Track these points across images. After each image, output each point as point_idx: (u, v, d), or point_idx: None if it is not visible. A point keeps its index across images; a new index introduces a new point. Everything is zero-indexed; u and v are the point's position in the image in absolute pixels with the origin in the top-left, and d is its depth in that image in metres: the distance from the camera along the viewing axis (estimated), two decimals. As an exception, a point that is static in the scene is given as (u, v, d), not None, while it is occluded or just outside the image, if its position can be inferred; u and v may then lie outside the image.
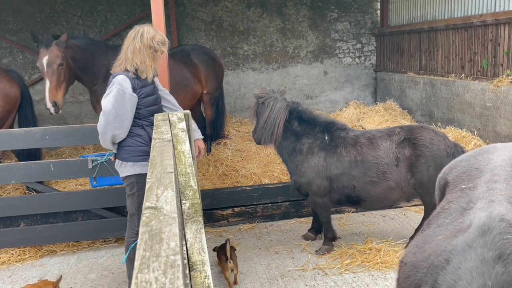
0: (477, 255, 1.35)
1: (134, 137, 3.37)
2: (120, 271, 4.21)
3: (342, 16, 9.73)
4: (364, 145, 4.10)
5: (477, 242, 1.41)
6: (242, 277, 3.99)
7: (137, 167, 3.37)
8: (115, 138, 3.32)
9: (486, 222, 1.47)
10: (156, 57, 3.38)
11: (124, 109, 3.22)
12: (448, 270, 1.40)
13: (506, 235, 1.38)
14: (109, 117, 3.21)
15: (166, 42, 3.40)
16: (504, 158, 2.05)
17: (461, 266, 1.37)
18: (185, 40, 9.24)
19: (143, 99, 3.35)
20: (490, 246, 1.36)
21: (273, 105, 4.17)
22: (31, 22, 8.67)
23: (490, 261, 1.31)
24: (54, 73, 4.90)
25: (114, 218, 4.62)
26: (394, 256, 4.12)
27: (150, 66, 3.33)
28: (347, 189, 4.11)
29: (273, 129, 4.15)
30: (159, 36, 3.34)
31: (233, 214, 5.11)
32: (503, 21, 5.90)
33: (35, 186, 4.63)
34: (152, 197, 1.40)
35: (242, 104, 9.70)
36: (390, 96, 9.13)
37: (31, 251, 4.61)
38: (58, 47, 4.91)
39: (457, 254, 1.43)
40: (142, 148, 3.36)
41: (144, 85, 3.36)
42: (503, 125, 5.88)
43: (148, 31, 3.32)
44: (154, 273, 0.92)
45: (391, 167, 4.01)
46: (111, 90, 3.23)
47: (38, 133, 4.26)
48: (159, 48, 3.33)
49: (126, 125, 3.28)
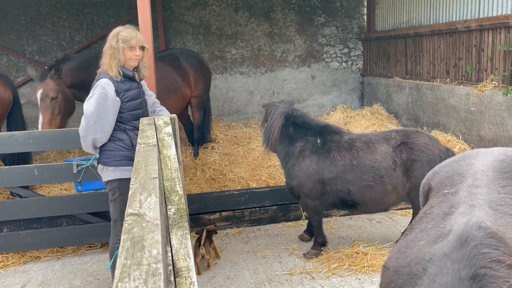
0: (454, 271, 1.36)
1: (115, 142, 3.35)
2: (105, 277, 4.16)
3: (329, 21, 9.80)
4: (361, 149, 4.12)
5: (454, 255, 1.41)
6: (229, 282, 3.97)
7: (118, 172, 3.34)
8: (96, 142, 3.29)
9: (464, 231, 1.47)
10: (115, 55, 3.25)
11: (106, 112, 3.19)
12: (424, 281, 1.40)
13: (482, 249, 1.39)
14: (91, 120, 3.18)
15: (134, 37, 3.29)
16: (485, 163, 2.08)
17: (436, 279, 1.37)
18: (173, 43, 9.21)
19: (126, 103, 3.33)
20: (466, 263, 1.36)
21: (272, 112, 4.33)
22: (15, 24, 8.55)
23: (465, 281, 1.32)
24: (47, 107, 4.84)
25: (100, 223, 4.57)
26: (381, 260, 4.15)
27: (110, 65, 3.26)
28: (342, 193, 4.13)
29: (269, 135, 4.29)
30: (124, 33, 3.26)
31: (220, 219, 5.09)
32: (487, 27, 6.00)
33: (18, 191, 4.55)
34: (135, 203, 1.39)
35: (230, 108, 9.70)
36: (377, 100, 9.21)
37: (14, 257, 4.53)
38: (52, 80, 4.86)
39: (434, 264, 1.43)
40: (124, 152, 3.34)
41: (128, 89, 3.34)
42: (487, 129, 5.97)
43: (114, 32, 3.29)
44: (135, 282, 0.91)
45: (389, 171, 4.04)
46: (93, 93, 3.20)
47: (21, 137, 4.20)
48: (118, 45, 3.24)
49: (107, 129, 3.25)
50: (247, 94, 9.76)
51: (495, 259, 1.36)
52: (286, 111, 4.33)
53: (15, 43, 8.55)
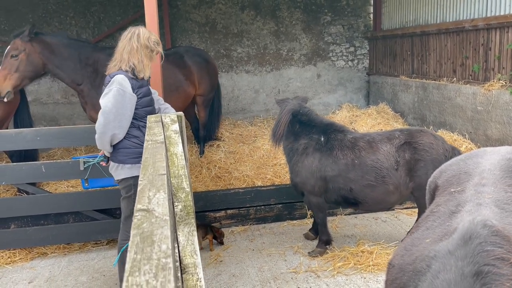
0: (457, 268, 1.36)
1: (131, 139, 3.35)
2: (111, 274, 4.19)
3: (335, 20, 9.78)
4: (363, 149, 4.12)
5: (458, 252, 1.41)
6: (235, 280, 3.98)
7: (135, 169, 3.33)
8: (114, 139, 3.28)
9: (468, 229, 1.47)
10: (152, 57, 3.43)
11: (124, 108, 3.21)
12: (427, 277, 1.41)
13: (486, 246, 1.39)
14: (109, 117, 3.18)
15: (160, 43, 3.48)
16: (492, 162, 2.07)
17: (439, 275, 1.37)
18: (179, 42, 9.23)
19: (140, 99, 3.35)
20: (470, 260, 1.36)
21: (282, 108, 4.41)
22: (23, 22, 8.60)
23: (469, 278, 1.31)
24: (6, 63, 4.93)
25: (106, 220, 4.60)
26: (386, 259, 4.14)
27: (148, 65, 3.38)
28: (344, 191, 4.15)
29: (276, 131, 4.35)
30: (154, 37, 3.42)
31: (225, 217, 5.11)
32: (494, 25, 5.97)
33: (26, 188, 4.59)
34: (144, 199, 1.40)
35: (235, 106, 9.71)
36: (383, 99, 9.19)
37: (21, 253, 4.57)
38: (21, 40, 4.94)
39: (437, 261, 1.43)
40: (139, 150, 3.34)
41: (141, 86, 3.37)
42: (494, 129, 5.94)
43: (143, 32, 3.38)
44: (145, 276, 0.92)
45: (391, 171, 4.03)
46: (110, 90, 3.19)
47: (29, 134, 4.23)
48: (155, 48, 3.40)
49: (125, 125, 3.26)
50: (253, 93, 9.76)
51: (499, 257, 1.36)
52: (294, 108, 4.36)
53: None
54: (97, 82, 5.35)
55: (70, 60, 5.26)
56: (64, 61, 5.24)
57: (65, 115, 9.03)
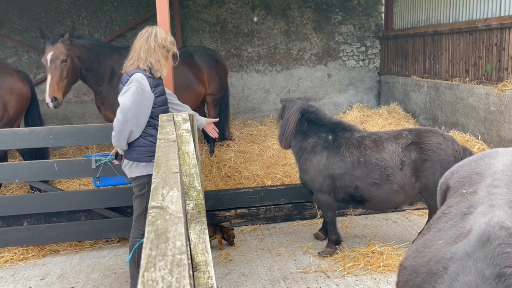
0: (477, 270, 1.34)
1: (147, 137, 3.38)
2: (122, 271, 4.22)
3: (346, 19, 9.74)
4: (369, 147, 4.13)
5: (477, 254, 1.39)
6: (244, 279, 4.00)
7: (150, 167, 3.35)
8: (130, 136, 3.31)
9: (486, 231, 1.46)
10: (168, 57, 3.47)
11: (142, 106, 3.24)
12: (445, 279, 1.39)
13: (506, 248, 1.37)
14: (128, 114, 3.21)
15: (175, 43, 3.52)
16: (505, 163, 2.05)
17: (458, 278, 1.36)
18: (190, 41, 9.27)
19: (157, 98, 3.38)
20: (490, 261, 1.34)
21: (290, 107, 4.40)
22: (36, 22, 8.72)
23: (490, 280, 1.30)
24: (57, 68, 4.96)
25: (117, 218, 4.64)
26: (397, 260, 4.12)
27: (164, 65, 3.42)
28: (350, 188, 4.17)
29: (285, 130, 4.36)
30: (170, 38, 3.46)
31: (235, 216, 5.13)
32: (508, 25, 5.90)
33: (38, 185, 4.65)
34: (157, 196, 1.42)
35: (245, 106, 9.72)
36: (394, 99, 9.13)
37: (34, 250, 4.64)
38: (63, 44, 4.97)
39: (455, 263, 1.42)
40: (154, 148, 3.36)
41: (157, 84, 3.40)
42: (507, 130, 5.87)
43: (161, 32, 3.42)
44: (160, 272, 0.94)
45: (395, 170, 4.02)
46: (129, 88, 3.22)
47: (42, 133, 4.29)
48: (171, 48, 3.44)
49: (142, 123, 3.30)
50: (263, 92, 9.77)
51: None
52: (302, 106, 4.38)
53: (35, 40, 8.71)
54: (114, 82, 5.42)
55: (97, 62, 5.34)
56: (92, 64, 5.32)
57: (77, 113, 9.12)
